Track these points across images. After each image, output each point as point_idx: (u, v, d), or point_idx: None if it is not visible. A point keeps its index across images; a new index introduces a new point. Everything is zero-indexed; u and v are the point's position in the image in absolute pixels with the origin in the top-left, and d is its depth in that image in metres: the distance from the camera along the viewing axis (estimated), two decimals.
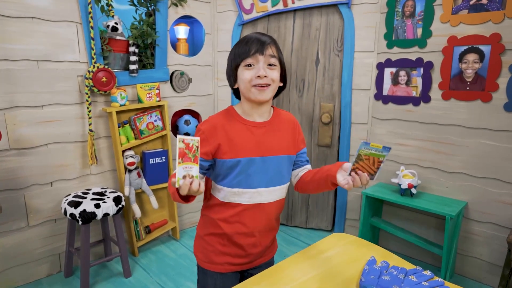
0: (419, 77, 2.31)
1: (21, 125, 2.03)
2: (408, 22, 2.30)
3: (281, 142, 1.17)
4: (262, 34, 1.11)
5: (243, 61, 1.08)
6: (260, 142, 1.13)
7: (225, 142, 1.11)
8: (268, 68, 1.08)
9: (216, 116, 1.17)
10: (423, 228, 2.41)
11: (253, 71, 1.08)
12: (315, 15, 2.64)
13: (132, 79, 2.41)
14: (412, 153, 2.41)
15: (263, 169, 1.13)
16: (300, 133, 1.25)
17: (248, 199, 1.13)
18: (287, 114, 1.26)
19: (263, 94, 1.09)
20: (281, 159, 1.17)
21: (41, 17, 2.01)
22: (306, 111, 2.78)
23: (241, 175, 1.11)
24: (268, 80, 1.08)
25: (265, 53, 1.07)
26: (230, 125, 1.13)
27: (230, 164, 1.11)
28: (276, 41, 1.13)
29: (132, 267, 2.35)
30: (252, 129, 1.14)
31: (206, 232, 1.21)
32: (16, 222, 2.08)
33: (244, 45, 1.09)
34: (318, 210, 2.91)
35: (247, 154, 1.11)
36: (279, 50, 1.13)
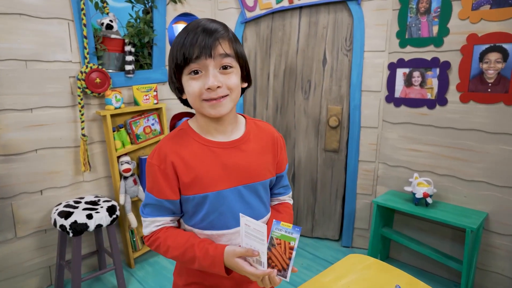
0: (435, 78, 2.16)
1: (8, 130, 1.88)
2: (423, 19, 2.15)
3: (259, 164, 0.92)
4: (211, 21, 0.83)
5: (186, 68, 0.81)
6: (230, 168, 0.87)
7: (184, 172, 0.86)
8: (221, 73, 0.81)
9: (165, 139, 0.90)
10: (438, 239, 2.26)
11: (201, 81, 0.81)
12: (322, 12, 2.49)
13: (128, 80, 2.27)
14: (427, 159, 2.25)
15: (239, 202, 0.89)
16: (282, 151, 0.99)
17: (227, 242, 0.89)
18: (265, 126, 0.99)
19: (219, 109, 0.83)
20: (261, 185, 0.93)
21: (30, 13, 1.87)
22: (313, 114, 2.63)
23: (213, 214, 0.88)
24: (223, 91, 0.82)
25: (214, 53, 0.79)
26: (186, 148, 0.87)
27: (195, 201, 0.87)
28: (228, 29, 0.85)
29: (128, 280, 2.20)
30: (217, 151, 0.88)
31: (186, 282, 0.97)
32: (3, 234, 1.94)
33: (184, 42, 0.79)
34: (325, 219, 2.76)
35: (216, 186, 0.86)
36: (235, 41, 0.85)
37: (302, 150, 2.72)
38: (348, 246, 2.67)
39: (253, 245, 0.79)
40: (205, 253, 0.83)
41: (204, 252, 0.83)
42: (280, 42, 2.63)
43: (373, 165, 2.50)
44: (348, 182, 2.59)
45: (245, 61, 0.88)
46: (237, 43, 0.86)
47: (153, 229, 0.90)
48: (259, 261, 0.79)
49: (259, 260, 0.79)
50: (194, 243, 0.85)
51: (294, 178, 2.79)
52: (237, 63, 0.85)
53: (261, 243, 0.77)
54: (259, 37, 2.69)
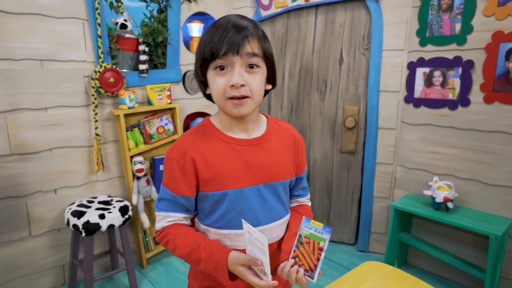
0: (457, 77, 2.07)
1: (24, 129, 1.90)
2: (445, 16, 2.07)
3: (280, 164, 0.90)
4: (242, 18, 0.81)
5: (212, 62, 0.80)
6: (251, 166, 0.86)
7: (204, 168, 0.84)
8: (247, 72, 0.80)
9: (186, 135, 0.89)
10: (459, 246, 2.16)
11: (227, 78, 0.80)
12: (339, 10, 2.43)
13: (141, 79, 2.26)
14: (447, 162, 2.16)
15: (259, 202, 0.86)
16: (303, 152, 0.97)
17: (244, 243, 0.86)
18: (286, 126, 0.98)
19: (240, 109, 0.82)
20: (281, 185, 0.91)
21: (45, 13, 1.87)
22: (328, 114, 2.57)
23: (231, 213, 0.85)
24: (246, 90, 0.80)
25: (241, 51, 0.78)
26: (208, 145, 0.86)
27: (214, 198, 0.85)
28: (259, 27, 0.83)
29: (140, 280, 2.19)
30: (238, 148, 0.86)
31: (201, 285, 0.94)
32: (18, 232, 1.95)
33: (213, 37, 0.79)
34: (340, 222, 2.69)
35: (236, 183, 0.84)
36: (265, 40, 0.83)
37: (317, 152, 2.66)
38: (364, 251, 2.60)
39: (256, 254, 0.76)
40: (209, 256, 0.81)
41: (208, 255, 0.81)
42: (296, 41, 2.58)
43: (391, 167, 2.42)
44: (365, 184, 2.52)
45: (272, 62, 0.86)
46: (267, 42, 0.84)
47: (164, 224, 0.89)
48: (263, 270, 0.76)
49: (263, 270, 0.76)
50: (201, 244, 0.83)
51: (309, 179, 2.73)
52: (264, 63, 0.84)
53: (263, 254, 0.74)
54: (274, 36, 2.64)
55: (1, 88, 1.80)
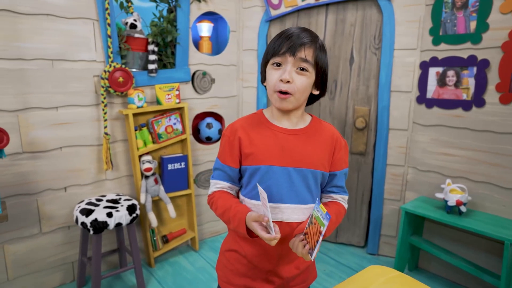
0: (471, 77, 2.01)
1: (35, 128, 1.93)
2: (459, 14, 2.01)
3: (313, 154, 1.01)
4: (305, 31, 0.97)
5: (272, 59, 0.97)
6: (286, 150, 0.99)
7: (247, 146, 1.01)
8: (297, 73, 0.95)
9: (240, 119, 1.08)
10: (473, 251, 2.10)
11: (280, 72, 0.96)
12: (350, 9, 2.39)
13: (151, 79, 2.27)
14: (461, 164, 2.10)
15: (286, 182, 0.98)
16: (340, 151, 1.06)
17: None
18: (328, 126, 1.09)
19: (282, 103, 0.97)
20: (310, 173, 1.00)
21: (56, 14, 1.90)
22: (338, 115, 2.53)
23: (261, 185, 0.97)
24: (291, 87, 0.95)
25: (296, 54, 0.93)
26: (255, 129, 1.03)
27: (250, 171, 1.01)
28: (319, 40, 0.98)
29: (147, 279, 2.20)
30: (278, 135, 1.01)
31: (227, 248, 1.10)
32: (29, 229, 1.99)
33: (279, 39, 0.96)
34: (350, 224, 2.65)
35: (268, 161, 0.98)
36: (320, 51, 0.97)
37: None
38: (374, 254, 2.55)
39: (264, 212, 0.90)
40: (235, 214, 0.96)
41: (234, 214, 0.96)
42: None
43: (402, 169, 2.37)
44: (375, 186, 2.47)
45: (323, 71, 0.99)
46: (323, 53, 0.98)
47: (213, 189, 1.07)
48: (270, 226, 0.87)
49: (270, 225, 0.87)
50: (232, 205, 0.99)
51: None
52: (314, 69, 0.97)
53: (267, 210, 0.87)
54: None
55: (13, 87, 1.84)
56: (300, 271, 1.06)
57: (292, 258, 1.04)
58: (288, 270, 1.03)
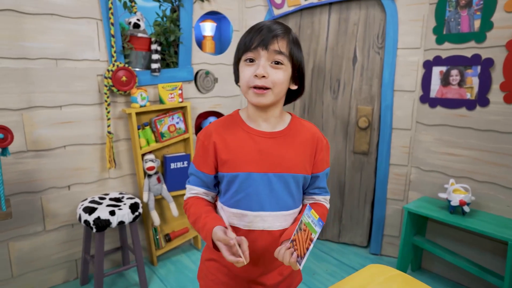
0: (475, 76, 1.99)
1: (39, 126, 1.95)
2: (463, 13, 1.99)
3: (294, 158, 0.96)
4: (276, 23, 0.92)
5: (244, 55, 0.91)
6: (265, 155, 0.94)
7: (223, 151, 0.95)
8: (272, 67, 0.90)
9: (215, 122, 1.02)
10: (476, 251, 2.08)
11: (253, 68, 0.90)
12: (353, 8, 2.38)
13: (154, 78, 2.28)
14: (465, 164, 2.08)
15: (266, 189, 0.94)
16: (322, 152, 1.01)
17: (248, 223, 0.95)
18: (309, 125, 1.03)
19: (260, 99, 0.91)
20: (292, 178, 0.96)
21: (60, 13, 1.92)
22: (341, 114, 2.53)
23: (240, 194, 0.94)
24: (267, 82, 0.89)
25: (269, 47, 0.88)
26: (231, 132, 0.97)
27: (227, 178, 0.95)
28: (291, 32, 0.94)
29: (150, 277, 2.21)
30: (256, 139, 0.95)
31: (207, 257, 1.05)
32: (33, 226, 2.01)
33: (249, 34, 0.91)
34: (353, 224, 2.64)
35: (247, 168, 0.93)
36: (294, 44, 0.93)
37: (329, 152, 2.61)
38: (377, 254, 2.54)
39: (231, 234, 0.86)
40: (204, 225, 0.92)
41: (203, 224, 0.92)
42: (309, 40, 2.55)
43: (405, 169, 2.36)
44: (378, 186, 2.46)
45: (298, 64, 0.95)
46: (296, 46, 0.94)
47: (188, 195, 1.03)
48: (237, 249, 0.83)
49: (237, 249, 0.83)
50: (203, 214, 0.94)
51: None
52: (290, 62, 0.92)
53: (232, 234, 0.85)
54: None
55: (18, 86, 1.86)
56: (284, 277, 1.02)
57: (275, 265, 1.00)
58: (271, 278, 1.00)
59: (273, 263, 0.99)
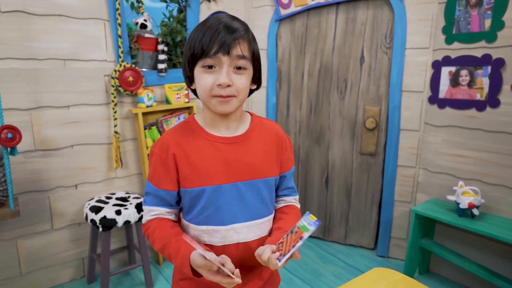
0: (486, 77, 1.95)
1: (47, 126, 1.97)
2: (474, 12, 1.96)
3: (261, 161, 0.90)
4: (231, 19, 0.83)
5: (201, 60, 0.81)
6: (231, 163, 0.87)
7: (184, 164, 0.86)
8: (234, 72, 0.82)
9: (169, 131, 0.92)
10: (486, 255, 2.04)
11: (214, 76, 0.81)
12: (360, 8, 2.36)
13: (160, 78, 2.29)
14: (474, 166, 2.05)
15: (237, 199, 0.87)
16: (287, 151, 0.97)
17: (222, 239, 0.88)
18: (271, 124, 0.98)
19: (224, 107, 0.83)
20: (262, 183, 0.90)
21: (68, 14, 1.94)
22: (348, 115, 2.50)
23: (209, 209, 0.86)
24: (232, 90, 0.82)
25: (231, 52, 0.79)
26: (190, 141, 0.88)
27: (193, 194, 0.86)
28: (249, 30, 0.85)
29: (155, 276, 2.23)
30: (219, 146, 0.87)
31: (181, 276, 0.96)
32: (41, 225, 2.03)
33: (204, 36, 0.79)
34: (359, 225, 2.62)
35: (214, 180, 0.85)
36: (253, 43, 0.85)
37: (336, 153, 2.60)
38: (384, 256, 2.51)
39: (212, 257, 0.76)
40: (177, 252, 0.83)
41: (176, 251, 0.83)
42: (316, 40, 2.53)
43: (413, 170, 2.32)
44: (385, 188, 2.43)
45: (259, 63, 0.89)
46: (255, 44, 0.87)
47: (148, 218, 0.92)
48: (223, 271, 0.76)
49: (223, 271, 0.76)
50: (172, 240, 0.85)
51: (327, 182, 2.67)
52: (251, 65, 0.85)
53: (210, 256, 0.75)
54: (293, 35, 2.61)
55: (27, 86, 1.88)
56: (265, 281, 0.97)
57: (255, 273, 0.94)
58: (252, 285, 0.94)
59: (252, 272, 0.94)
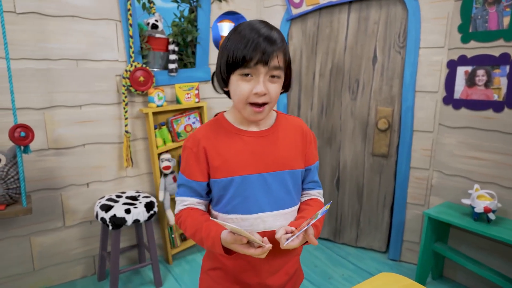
0: (504, 77, 1.89)
1: (60, 125, 2.01)
2: (492, 9, 1.89)
3: (287, 153, 0.96)
4: (270, 29, 0.86)
5: (240, 69, 0.85)
6: (258, 155, 0.93)
7: (214, 157, 0.93)
8: (270, 81, 0.87)
9: (201, 127, 0.99)
10: (502, 261, 1.97)
11: (251, 85, 0.86)
12: (373, 6, 2.31)
13: (171, 78, 2.30)
14: (490, 169, 1.98)
15: (264, 189, 0.92)
16: (311, 144, 1.02)
17: (249, 227, 0.93)
18: (295, 119, 1.04)
19: (258, 116, 0.90)
20: (288, 174, 0.95)
21: (81, 15, 1.97)
22: (360, 115, 2.46)
23: (237, 198, 0.92)
24: (267, 98, 0.88)
25: (270, 64, 0.84)
26: (219, 136, 0.95)
27: (222, 184, 0.92)
28: (285, 41, 0.90)
29: (164, 275, 2.24)
30: (247, 140, 0.94)
31: (210, 266, 1.02)
32: (53, 222, 2.07)
33: (244, 46, 0.82)
34: (371, 228, 2.57)
35: (242, 171, 0.91)
36: (287, 52, 0.91)
37: (347, 154, 2.56)
38: (396, 260, 2.46)
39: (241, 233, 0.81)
40: (208, 234, 0.89)
41: (207, 233, 0.89)
42: (327, 39, 2.50)
43: (427, 172, 2.27)
44: (398, 190, 2.38)
45: (290, 70, 0.95)
46: (288, 53, 0.92)
47: (180, 208, 0.98)
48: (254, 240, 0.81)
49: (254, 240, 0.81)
50: (203, 224, 0.91)
51: (338, 183, 2.63)
52: (284, 73, 0.91)
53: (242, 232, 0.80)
54: (305, 34, 2.58)
55: (40, 86, 1.92)
56: (290, 276, 1.02)
57: (281, 264, 0.99)
58: (278, 279, 0.99)
59: (279, 263, 0.98)
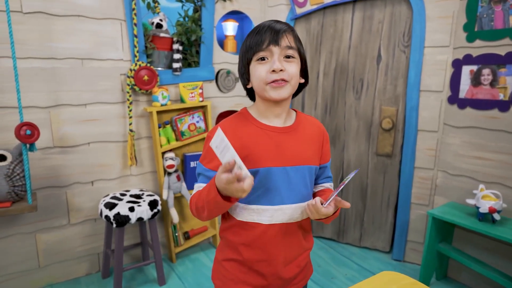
0: (510, 76, 1.87)
1: (65, 123, 2.03)
2: (498, 8, 1.88)
3: (307, 150, 1.01)
4: (277, 22, 0.95)
5: (255, 55, 0.93)
6: (281, 149, 0.96)
7: (238, 149, 0.90)
8: (285, 61, 0.93)
9: (225, 120, 1.02)
10: (506, 262, 1.95)
11: (267, 66, 0.92)
12: (377, 6, 2.30)
13: (175, 78, 2.31)
14: (496, 169, 1.96)
15: (285, 182, 0.96)
16: (327, 144, 1.09)
17: (270, 218, 0.96)
18: (313, 120, 1.09)
19: (279, 92, 0.93)
20: (307, 170, 1.00)
21: (86, 15, 1.99)
22: (364, 115, 2.45)
23: (260, 189, 0.95)
24: (285, 75, 0.92)
25: (280, 43, 0.91)
26: (244, 129, 0.97)
27: None
28: (293, 28, 0.97)
29: (168, 274, 2.25)
30: (271, 134, 0.97)
31: (225, 257, 1.04)
32: (58, 220, 2.09)
33: (256, 35, 0.93)
34: (375, 228, 2.56)
35: (266, 163, 0.94)
36: (298, 39, 0.97)
37: (351, 154, 2.55)
38: (400, 260, 2.45)
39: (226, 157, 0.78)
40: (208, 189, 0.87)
41: (207, 190, 0.87)
42: (331, 38, 2.50)
43: (431, 172, 2.25)
44: (402, 190, 2.37)
45: (304, 56, 0.98)
46: (299, 41, 0.97)
47: (193, 193, 0.99)
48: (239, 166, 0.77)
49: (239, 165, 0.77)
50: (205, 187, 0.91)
51: None
52: (299, 56, 0.96)
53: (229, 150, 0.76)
54: (309, 34, 2.58)
55: (46, 85, 1.94)
56: (301, 268, 1.05)
57: (295, 256, 1.02)
58: (290, 270, 1.01)
59: (292, 255, 1.02)
